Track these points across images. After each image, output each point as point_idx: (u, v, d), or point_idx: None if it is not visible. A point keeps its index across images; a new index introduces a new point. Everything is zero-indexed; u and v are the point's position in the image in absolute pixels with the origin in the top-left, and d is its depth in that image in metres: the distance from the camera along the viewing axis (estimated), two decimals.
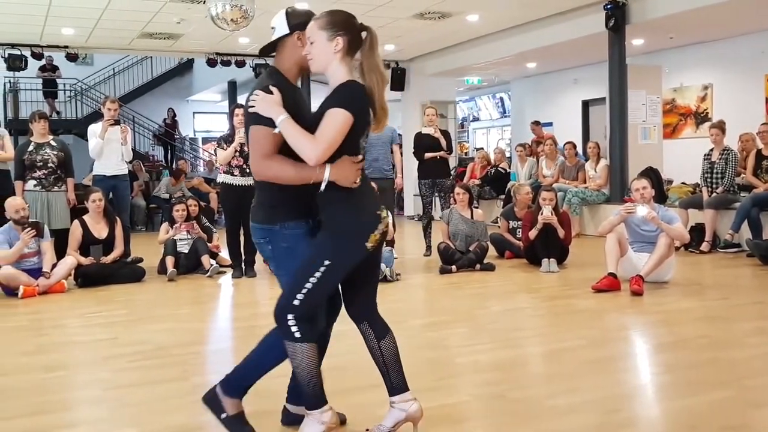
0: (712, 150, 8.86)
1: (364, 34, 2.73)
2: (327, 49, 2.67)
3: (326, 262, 2.65)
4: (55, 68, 16.81)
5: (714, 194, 8.64)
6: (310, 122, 2.65)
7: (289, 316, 2.68)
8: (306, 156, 2.58)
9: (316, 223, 2.78)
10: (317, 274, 2.65)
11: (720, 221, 8.58)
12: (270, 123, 2.62)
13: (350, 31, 2.70)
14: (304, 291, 2.66)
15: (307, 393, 2.76)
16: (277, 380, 2.97)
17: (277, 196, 2.73)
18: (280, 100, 2.65)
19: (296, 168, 2.63)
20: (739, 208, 8.19)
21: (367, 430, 2.89)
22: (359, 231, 2.70)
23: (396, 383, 2.87)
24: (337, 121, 2.58)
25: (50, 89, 17.68)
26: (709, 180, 8.81)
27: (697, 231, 8.52)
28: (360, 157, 2.73)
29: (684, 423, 3.12)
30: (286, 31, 2.76)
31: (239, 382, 2.89)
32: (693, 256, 8.21)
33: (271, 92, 2.66)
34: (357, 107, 2.62)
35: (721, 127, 8.84)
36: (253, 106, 2.66)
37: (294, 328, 2.68)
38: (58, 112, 17.90)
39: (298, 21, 2.75)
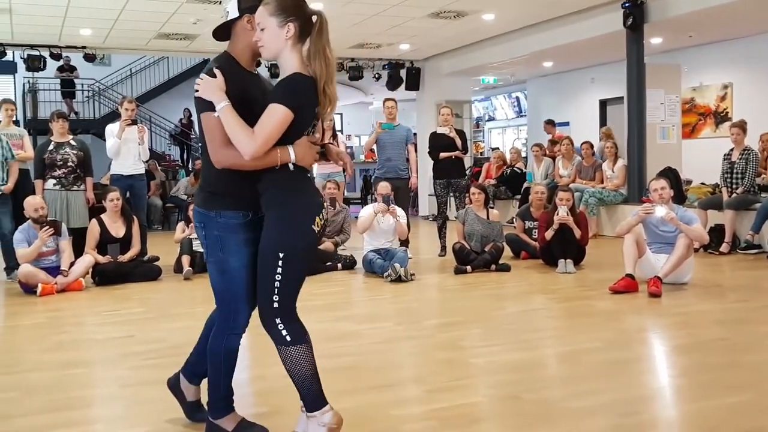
0: (732, 150, 8.78)
1: (314, 18, 2.66)
2: (278, 36, 2.61)
3: (281, 255, 2.61)
4: (72, 69, 16.92)
5: (734, 195, 8.56)
6: (263, 108, 2.60)
7: (277, 320, 2.66)
8: (242, 150, 2.54)
9: (255, 216, 2.73)
10: (279, 270, 2.61)
11: (740, 222, 8.50)
12: (213, 108, 2.60)
13: (301, 16, 2.63)
14: (276, 290, 2.63)
15: (305, 396, 2.71)
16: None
17: (218, 183, 2.71)
18: (223, 84, 2.60)
19: None
20: (760, 209, 8.12)
21: None
22: (303, 213, 2.65)
23: None
24: (275, 118, 2.54)
25: (68, 89, 17.82)
26: (729, 180, 8.73)
27: (717, 232, 8.45)
28: (318, 136, 2.75)
29: (702, 426, 3.10)
30: (236, 14, 2.72)
31: (217, 398, 2.87)
32: (712, 258, 8.14)
33: (215, 75, 2.62)
34: (298, 102, 2.57)
35: (741, 126, 8.76)
36: (197, 90, 2.63)
37: (284, 332, 2.65)
38: (76, 113, 18.03)
39: (248, 5, 2.70)
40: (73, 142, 7.77)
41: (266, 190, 2.67)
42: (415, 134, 9.35)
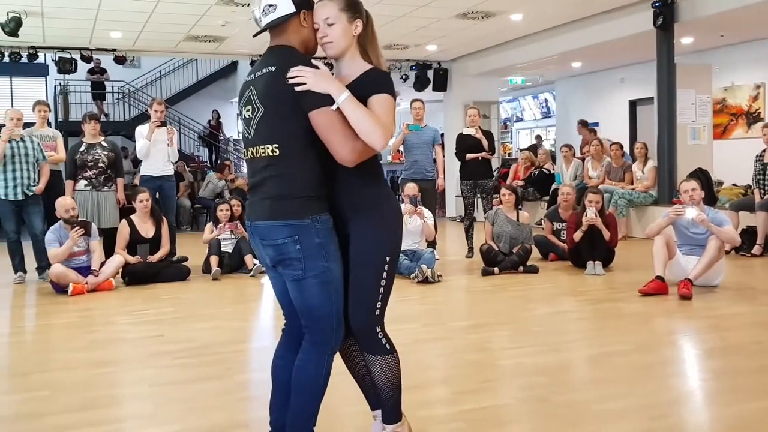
0: (764, 151, 8.65)
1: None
2: (348, 32, 2.52)
3: (387, 259, 2.51)
4: (103, 71, 17.18)
5: (766, 196, 8.44)
6: None
7: (377, 329, 2.56)
8: (375, 139, 2.36)
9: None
10: (384, 275, 2.51)
11: None
12: (328, 101, 2.38)
13: (362, 13, 2.56)
14: (379, 298, 2.52)
15: (391, 406, 2.64)
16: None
17: (313, 185, 2.45)
18: (330, 74, 2.45)
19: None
20: None
21: None
22: (398, 214, 2.62)
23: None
24: (390, 107, 2.46)
25: (98, 91, 18.09)
26: (761, 182, 8.60)
27: (749, 234, 8.34)
28: None
29: (734, 430, 3.06)
30: (292, 9, 2.49)
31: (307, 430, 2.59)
32: (744, 260, 8.03)
33: (317, 67, 2.43)
34: (393, 90, 2.52)
35: None
36: (302, 83, 2.36)
37: (384, 341, 2.57)
38: (106, 114, 18.28)
39: None
40: (104, 144, 7.87)
41: (360, 190, 2.53)
42: (442, 135, 9.34)
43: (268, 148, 2.46)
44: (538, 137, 18.57)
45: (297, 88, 2.36)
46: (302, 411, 2.55)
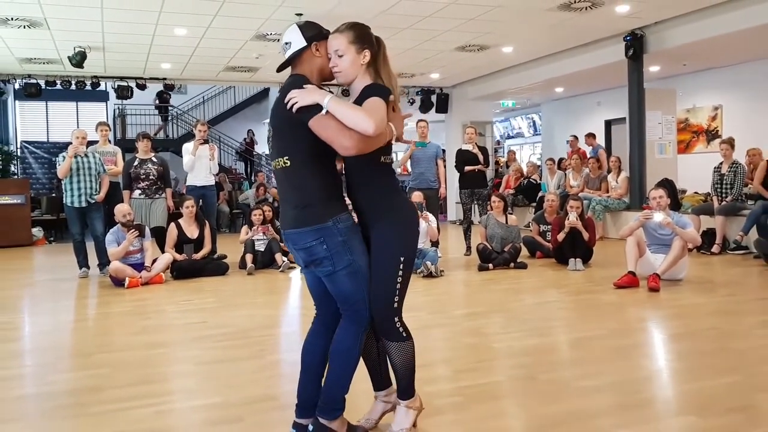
0: (721, 163, 8.62)
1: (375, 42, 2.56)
2: (356, 62, 2.46)
3: (401, 258, 2.46)
4: (169, 96, 17.13)
5: (723, 202, 8.39)
6: None
7: (395, 319, 2.52)
8: (364, 126, 2.25)
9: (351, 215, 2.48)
10: (400, 273, 2.46)
11: (729, 226, 8.33)
12: (319, 109, 2.31)
13: (372, 43, 2.49)
14: (397, 292, 2.49)
15: (407, 385, 2.63)
16: None
17: (324, 192, 2.42)
18: (316, 87, 2.39)
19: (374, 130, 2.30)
20: (750, 214, 7.96)
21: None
22: (412, 212, 2.58)
23: (386, 378, 2.74)
24: (378, 105, 2.33)
25: (164, 114, 18.14)
26: (719, 190, 8.57)
27: (709, 235, 8.29)
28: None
29: (695, 404, 3.04)
30: (304, 43, 2.47)
31: (338, 398, 2.56)
32: (704, 257, 7.98)
33: (304, 87, 2.39)
34: (387, 98, 2.40)
35: (730, 143, 8.61)
36: (295, 103, 2.33)
37: (401, 329, 2.54)
38: (167, 135, 18.35)
39: (312, 33, 2.49)
40: (154, 159, 7.91)
41: (370, 189, 2.49)
42: (444, 150, 9.33)
43: (281, 160, 2.46)
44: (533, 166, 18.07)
45: (293, 109, 2.34)
46: (339, 378, 2.54)
